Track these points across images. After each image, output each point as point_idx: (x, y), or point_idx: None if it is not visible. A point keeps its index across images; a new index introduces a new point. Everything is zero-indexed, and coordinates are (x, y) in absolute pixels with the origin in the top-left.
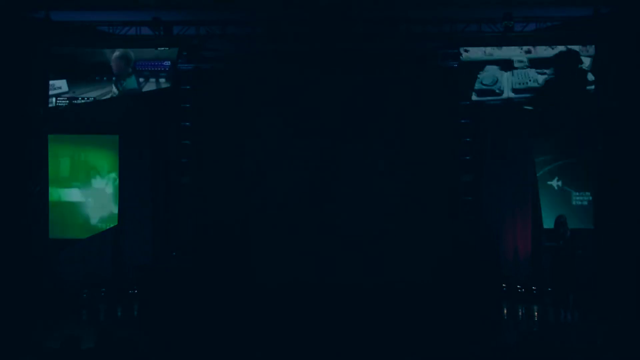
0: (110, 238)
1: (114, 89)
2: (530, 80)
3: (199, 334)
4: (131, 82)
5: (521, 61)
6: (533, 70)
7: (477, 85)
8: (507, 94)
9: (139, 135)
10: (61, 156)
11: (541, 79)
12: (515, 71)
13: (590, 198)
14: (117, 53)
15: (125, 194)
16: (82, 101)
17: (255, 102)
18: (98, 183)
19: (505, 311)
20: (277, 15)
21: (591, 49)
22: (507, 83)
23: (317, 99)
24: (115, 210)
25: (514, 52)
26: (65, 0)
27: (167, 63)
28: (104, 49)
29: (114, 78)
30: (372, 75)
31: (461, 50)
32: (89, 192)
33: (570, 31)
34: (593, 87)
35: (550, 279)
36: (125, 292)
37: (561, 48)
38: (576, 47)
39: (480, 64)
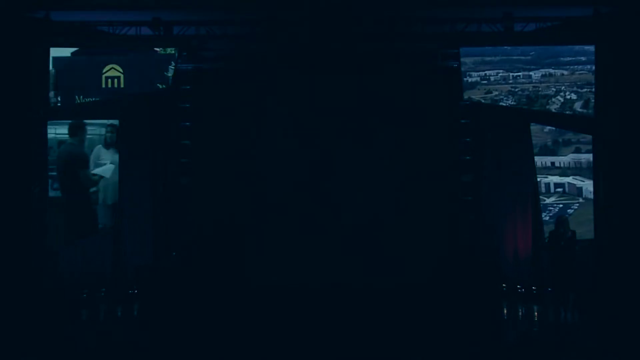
0: (110, 238)
1: None
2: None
3: (199, 334)
4: None
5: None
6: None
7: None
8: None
9: (138, 135)
10: None
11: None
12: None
13: None
14: None
15: (125, 194)
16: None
17: (255, 102)
18: None
19: (505, 311)
20: (277, 15)
21: None
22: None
23: (316, 99)
24: None
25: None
26: (65, 0)
27: None
28: None
29: None
30: (372, 75)
31: None
32: None
33: (570, 31)
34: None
35: (550, 279)
36: (125, 292)
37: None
38: None
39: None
